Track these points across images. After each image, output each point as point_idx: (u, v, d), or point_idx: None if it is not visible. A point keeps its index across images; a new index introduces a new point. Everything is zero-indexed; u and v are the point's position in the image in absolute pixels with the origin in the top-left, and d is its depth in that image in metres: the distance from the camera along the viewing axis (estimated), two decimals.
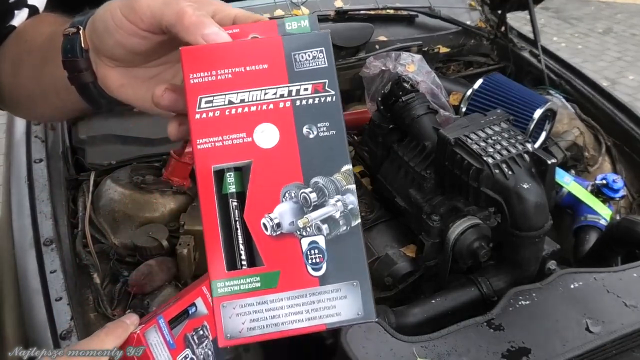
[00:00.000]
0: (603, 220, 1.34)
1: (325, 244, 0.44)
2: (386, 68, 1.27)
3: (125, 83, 0.55)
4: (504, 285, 1.03)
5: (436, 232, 1.05)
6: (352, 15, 1.86)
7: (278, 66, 0.46)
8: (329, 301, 0.44)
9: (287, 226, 0.44)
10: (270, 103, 0.45)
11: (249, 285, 0.44)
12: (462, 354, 0.85)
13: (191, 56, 0.45)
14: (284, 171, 0.45)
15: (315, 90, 0.46)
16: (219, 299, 0.44)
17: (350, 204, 0.45)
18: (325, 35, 0.46)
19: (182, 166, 1.30)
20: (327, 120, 0.45)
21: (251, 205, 0.44)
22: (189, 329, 0.77)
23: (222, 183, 0.46)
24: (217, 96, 0.45)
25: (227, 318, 0.44)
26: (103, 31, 0.51)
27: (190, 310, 0.79)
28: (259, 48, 0.46)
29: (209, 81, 0.45)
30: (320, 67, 0.46)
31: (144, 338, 0.71)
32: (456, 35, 1.92)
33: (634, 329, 0.89)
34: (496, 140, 1.03)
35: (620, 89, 4.22)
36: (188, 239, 1.19)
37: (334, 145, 0.45)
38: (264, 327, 0.44)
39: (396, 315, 0.98)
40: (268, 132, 0.45)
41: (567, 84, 1.76)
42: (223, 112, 0.45)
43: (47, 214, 1.21)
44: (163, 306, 0.79)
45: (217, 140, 0.45)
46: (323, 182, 0.45)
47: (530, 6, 1.80)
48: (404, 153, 1.19)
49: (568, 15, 5.77)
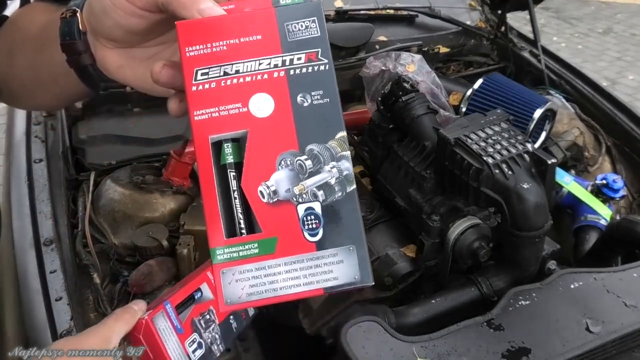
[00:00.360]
0: (603, 220, 1.34)
1: (322, 210, 0.45)
2: (386, 68, 1.27)
3: (124, 64, 0.55)
4: (504, 285, 1.03)
5: (436, 232, 1.05)
6: (352, 15, 1.86)
7: (271, 37, 0.46)
8: (326, 266, 0.44)
9: (283, 193, 0.45)
10: (265, 73, 0.46)
11: (247, 252, 0.44)
12: (462, 354, 0.85)
13: (186, 30, 0.45)
14: (280, 139, 0.45)
15: (309, 59, 0.46)
16: (219, 265, 0.44)
17: (346, 170, 0.45)
18: (317, 5, 0.47)
19: (182, 166, 1.30)
20: (320, 89, 0.46)
21: (248, 173, 0.45)
22: (196, 314, 0.78)
23: (220, 154, 0.46)
24: (212, 68, 0.45)
25: (227, 284, 0.44)
26: (100, 12, 0.51)
27: (196, 295, 0.79)
28: (252, 20, 0.46)
29: (204, 54, 0.45)
30: (313, 36, 0.46)
31: (152, 324, 0.72)
32: (456, 35, 1.92)
33: (634, 329, 0.89)
34: (496, 140, 1.03)
35: (620, 89, 4.22)
36: (188, 239, 1.19)
37: (328, 112, 0.45)
38: (262, 293, 0.44)
39: (396, 315, 0.98)
40: (263, 101, 0.46)
41: (567, 84, 1.76)
42: (219, 83, 0.45)
43: (47, 214, 1.21)
44: (169, 292, 0.80)
45: (213, 111, 0.45)
46: (318, 150, 0.45)
47: (530, 6, 1.80)
48: (404, 153, 1.19)
49: (568, 15, 5.77)
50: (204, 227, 0.45)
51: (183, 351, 0.74)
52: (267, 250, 0.44)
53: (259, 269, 0.44)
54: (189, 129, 1.22)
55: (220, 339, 0.80)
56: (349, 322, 0.88)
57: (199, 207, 1.25)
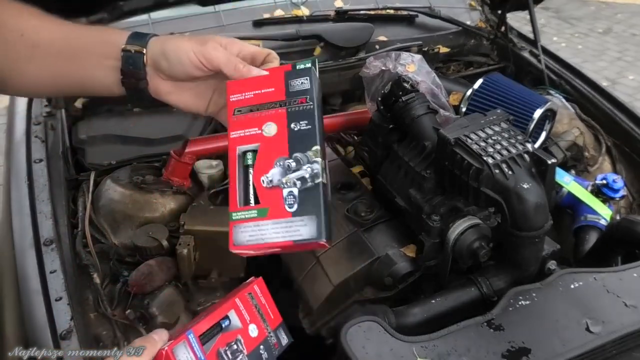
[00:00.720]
0: (603, 220, 1.34)
1: (298, 193, 0.71)
2: (386, 68, 1.27)
3: (172, 91, 0.80)
4: (504, 285, 1.03)
5: (436, 232, 1.05)
6: (352, 15, 1.86)
7: (280, 89, 0.76)
8: (296, 227, 0.70)
9: (276, 181, 0.72)
10: (274, 110, 0.75)
11: (250, 215, 0.72)
12: (462, 354, 0.85)
13: (232, 85, 0.78)
14: (278, 149, 0.73)
15: (301, 102, 0.75)
16: (233, 223, 0.73)
17: (315, 170, 0.71)
18: (309, 70, 0.77)
19: (182, 166, 1.30)
20: (306, 120, 0.74)
21: (257, 170, 0.73)
22: (222, 344, 0.75)
23: (244, 159, 0.75)
24: (244, 108, 0.76)
25: (236, 234, 0.72)
26: (176, 62, 0.76)
27: (223, 323, 0.77)
28: (270, 79, 0.77)
29: (240, 99, 0.77)
30: (305, 88, 0.76)
31: (172, 355, 0.69)
32: (456, 35, 1.92)
33: (634, 329, 0.89)
34: (496, 140, 1.03)
35: (620, 89, 4.23)
36: (188, 239, 1.19)
37: (309, 134, 0.73)
38: (256, 240, 0.71)
39: (396, 315, 0.98)
40: (271, 127, 0.75)
41: (567, 84, 1.76)
42: (247, 116, 0.76)
43: (47, 214, 1.21)
44: (193, 320, 0.77)
45: (242, 132, 0.75)
46: (300, 156, 0.72)
47: (530, 6, 1.80)
48: (404, 153, 1.19)
49: (568, 15, 5.77)
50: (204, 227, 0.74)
51: None
52: (262, 215, 0.72)
53: (255, 225, 0.72)
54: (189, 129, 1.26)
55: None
56: (349, 322, 0.88)
57: (199, 207, 1.25)
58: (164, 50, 0.76)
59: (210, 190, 1.33)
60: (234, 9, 1.82)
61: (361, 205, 1.23)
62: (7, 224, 1.24)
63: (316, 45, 1.73)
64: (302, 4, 1.89)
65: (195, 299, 1.21)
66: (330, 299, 1.12)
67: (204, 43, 0.76)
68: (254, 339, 0.79)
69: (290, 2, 1.89)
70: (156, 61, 0.76)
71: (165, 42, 0.76)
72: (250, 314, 0.81)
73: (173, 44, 0.76)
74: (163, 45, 0.76)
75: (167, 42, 0.76)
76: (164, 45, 0.76)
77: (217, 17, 1.79)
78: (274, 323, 0.85)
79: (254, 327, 0.80)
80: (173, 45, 0.76)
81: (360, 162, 1.47)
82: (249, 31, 1.79)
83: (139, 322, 1.10)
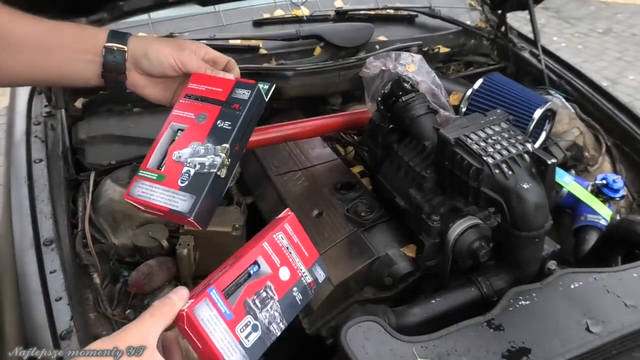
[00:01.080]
0: (603, 220, 1.34)
1: (193, 174, 0.81)
2: (386, 68, 1.27)
3: (147, 85, 0.92)
4: (504, 285, 1.03)
5: (436, 232, 1.05)
6: (352, 15, 1.86)
7: (226, 92, 0.87)
8: (177, 199, 0.79)
9: (182, 159, 0.82)
10: (211, 105, 0.86)
11: (151, 176, 0.83)
12: (462, 354, 0.85)
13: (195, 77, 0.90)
14: (198, 136, 0.84)
15: (234, 107, 0.85)
16: (137, 177, 0.83)
17: (215, 162, 0.81)
18: (254, 87, 0.87)
19: None
20: (231, 121, 0.84)
21: (174, 146, 0.84)
22: (250, 294, 0.72)
23: (175, 135, 0.86)
24: (193, 95, 0.88)
25: (134, 187, 0.83)
26: (156, 63, 0.88)
27: (252, 270, 0.73)
28: (223, 82, 0.88)
29: (194, 88, 0.89)
30: (244, 99, 0.86)
31: (193, 316, 0.67)
32: (456, 35, 1.92)
33: (634, 329, 0.89)
34: (496, 140, 1.03)
35: (621, 89, 4.22)
36: (188, 239, 1.19)
37: (226, 133, 0.83)
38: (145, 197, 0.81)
39: (396, 315, 0.98)
40: (203, 116, 0.85)
41: (567, 84, 1.76)
42: (191, 102, 0.88)
43: (47, 214, 1.21)
44: (216, 272, 0.74)
45: (181, 113, 0.87)
46: (210, 147, 0.82)
47: (530, 6, 1.80)
48: (404, 153, 1.19)
49: (568, 15, 5.77)
50: None
51: (234, 339, 0.69)
52: (159, 180, 0.82)
53: (150, 186, 0.82)
54: None
55: (281, 316, 0.74)
56: (349, 322, 0.88)
57: None
58: (146, 52, 0.88)
59: None
60: (234, 9, 1.82)
61: (361, 205, 1.23)
62: (7, 224, 1.24)
63: (316, 45, 1.73)
64: (302, 4, 1.89)
65: None
66: (330, 299, 1.12)
67: (181, 49, 0.89)
68: (286, 283, 0.76)
69: (290, 2, 1.89)
70: (137, 59, 0.88)
71: (147, 45, 0.88)
72: (281, 257, 0.77)
73: (155, 47, 0.88)
74: (145, 47, 0.88)
75: (150, 45, 0.88)
76: (146, 47, 0.88)
77: (217, 17, 1.79)
78: (309, 261, 0.81)
79: (286, 270, 0.76)
80: (155, 48, 0.88)
81: (360, 162, 1.47)
82: (249, 31, 1.79)
83: None
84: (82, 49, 0.87)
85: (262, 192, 1.43)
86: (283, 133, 1.34)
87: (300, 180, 1.38)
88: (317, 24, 1.82)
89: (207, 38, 1.70)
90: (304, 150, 1.47)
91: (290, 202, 1.32)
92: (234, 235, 1.18)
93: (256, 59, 1.69)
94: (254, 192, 1.45)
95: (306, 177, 1.38)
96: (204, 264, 1.22)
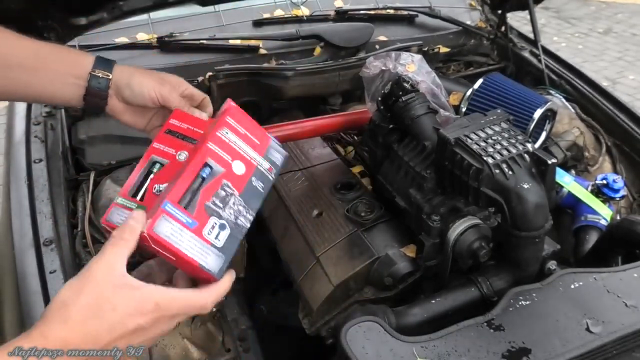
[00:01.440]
0: (603, 220, 1.34)
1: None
2: (386, 68, 1.27)
3: (125, 111, 0.95)
4: (504, 285, 1.03)
5: (436, 232, 1.05)
6: (352, 15, 1.86)
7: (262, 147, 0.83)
8: None
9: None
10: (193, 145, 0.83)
11: (130, 205, 0.79)
12: (462, 354, 0.85)
13: (177, 113, 0.89)
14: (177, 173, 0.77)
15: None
16: (116, 204, 0.79)
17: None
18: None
19: None
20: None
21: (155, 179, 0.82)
22: (207, 197, 0.72)
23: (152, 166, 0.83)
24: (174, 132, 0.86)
25: (112, 213, 0.78)
26: (138, 95, 0.91)
27: (203, 173, 0.73)
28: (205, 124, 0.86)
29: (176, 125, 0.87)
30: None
31: (155, 235, 0.67)
32: (456, 35, 1.92)
33: (634, 330, 0.89)
34: (496, 140, 1.03)
35: (621, 88, 4.23)
36: None
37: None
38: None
39: (396, 315, 0.98)
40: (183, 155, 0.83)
41: (567, 84, 1.76)
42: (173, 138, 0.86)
43: (47, 214, 1.21)
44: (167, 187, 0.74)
45: (162, 146, 0.85)
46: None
47: (531, 6, 1.80)
48: (404, 153, 1.18)
49: (568, 15, 5.78)
50: None
51: (204, 243, 0.70)
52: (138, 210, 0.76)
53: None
54: None
55: (246, 208, 0.74)
56: (349, 322, 0.88)
57: None
58: (129, 82, 0.91)
59: None
60: (234, 9, 1.82)
61: (361, 205, 1.23)
62: (6, 224, 1.24)
63: (316, 45, 1.73)
64: (302, 3, 1.89)
65: None
66: (330, 299, 1.12)
67: (162, 84, 0.92)
68: (243, 176, 0.76)
69: (290, 2, 1.89)
70: (120, 88, 0.91)
71: (131, 75, 0.92)
72: (231, 152, 0.77)
73: (138, 79, 0.92)
74: (130, 79, 0.91)
75: (133, 76, 0.92)
76: (130, 77, 0.92)
77: (217, 17, 1.79)
78: (262, 148, 0.80)
79: (239, 163, 0.76)
80: (138, 80, 0.92)
81: (360, 162, 1.47)
82: (249, 31, 1.79)
83: None
84: (68, 73, 0.90)
85: None
86: (283, 133, 1.34)
87: (300, 180, 1.38)
88: (317, 24, 1.82)
89: (207, 38, 1.70)
90: (304, 150, 1.47)
91: (290, 202, 1.32)
92: None
93: (256, 59, 1.69)
94: None
95: (306, 177, 1.38)
96: None
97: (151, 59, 1.65)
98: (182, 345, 1.17)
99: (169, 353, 1.15)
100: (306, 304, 1.15)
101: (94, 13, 1.37)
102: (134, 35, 1.68)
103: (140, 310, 0.65)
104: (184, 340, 1.18)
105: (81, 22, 1.38)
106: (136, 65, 0.95)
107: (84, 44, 1.62)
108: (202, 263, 0.69)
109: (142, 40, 1.68)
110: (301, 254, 1.21)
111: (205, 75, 1.59)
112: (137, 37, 1.69)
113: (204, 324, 1.23)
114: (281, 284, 1.46)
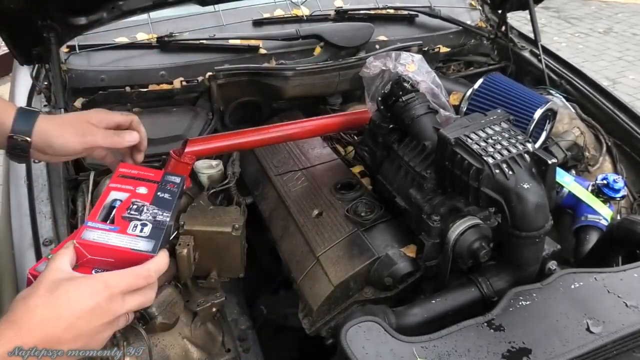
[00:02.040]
0: (604, 221, 1.33)
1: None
2: (386, 68, 1.27)
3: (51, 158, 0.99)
4: (504, 285, 1.03)
5: (436, 232, 1.05)
6: (352, 15, 1.86)
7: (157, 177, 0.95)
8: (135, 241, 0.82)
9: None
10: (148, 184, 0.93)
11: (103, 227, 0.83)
12: (462, 354, 0.85)
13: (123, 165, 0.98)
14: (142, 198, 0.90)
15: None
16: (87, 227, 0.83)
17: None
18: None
19: (182, 166, 1.29)
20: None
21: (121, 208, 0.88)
22: (122, 211, 0.86)
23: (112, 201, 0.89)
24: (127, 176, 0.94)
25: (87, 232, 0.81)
26: (61, 151, 0.96)
27: (115, 204, 0.87)
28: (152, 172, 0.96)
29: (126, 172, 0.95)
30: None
31: (84, 241, 0.79)
32: (456, 35, 1.92)
33: (634, 330, 0.89)
34: (496, 140, 1.03)
35: (621, 88, 4.22)
36: (188, 239, 1.18)
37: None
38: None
39: (396, 316, 0.98)
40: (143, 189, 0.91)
41: (567, 84, 1.76)
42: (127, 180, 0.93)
43: (47, 214, 1.20)
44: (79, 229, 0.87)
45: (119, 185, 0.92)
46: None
47: (531, 6, 1.80)
48: (404, 153, 1.18)
49: (569, 15, 5.78)
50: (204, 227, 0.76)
51: (130, 237, 0.82)
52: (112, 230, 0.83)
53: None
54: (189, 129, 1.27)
55: (161, 210, 0.88)
56: (349, 322, 0.87)
57: (198, 207, 1.25)
58: (50, 143, 0.94)
59: (210, 190, 1.33)
60: (234, 9, 1.82)
61: (361, 205, 1.22)
62: (6, 224, 1.24)
63: (316, 45, 1.73)
64: (302, 3, 1.88)
65: (195, 299, 1.21)
66: (330, 299, 1.12)
67: (84, 135, 0.95)
68: (148, 194, 0.91)
69: (290, 1, 1.89)
70: (41, 147, 0.94)
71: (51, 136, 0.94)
72: (132, 184, 0.92)
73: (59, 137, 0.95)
74: (49, 139, 0.94)
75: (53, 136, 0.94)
76: (50, 138, 0.94)
77: (217, 17, 1.79)
78: (158, 176, 0.96)
79: (142, 187, 0.92)
80: (59, 141, 0.95)
81: (360, 162, 1.47)
82: (248, 31, 1.78)
83: (139, 322, 1.09)
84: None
85: (262, 192, 1.42)
86: (283, 133, 1.34)
87: (300, 180, 1.38)
88: (317, 23, 1.82)
89: (206, 38, 1.70)
90: (304, 150, 1.47)
91: (290, 202, 1.32)
92: (234, 235, 1.18)
93: (256, 59, 1.69)
94: (254, 192, 1.44)
95: (306, 177, 1.38)
96: (203, 264, 1.22)
97: (151, 59, 1.65)
98: (182, 345, 1.17)
99: (169, 353, 1.15)
100: (306, 304, 1.15)
101: (93, 13, 1.37)
102: (133, 35, 1.68)
103: (92, 290, 0.72)
104: (184, 341, 1.17)
105: (81, 22, 1.38)
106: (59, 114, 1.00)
107: (83, 44, 1.62)
108: (135, 248, 0.81)
109: (142, 40, 1.68)
110: (301, 254, 1.21)
111: (205, 75, 1.59)
112: (137, 37, 1.69)
113: (204, 324, 1.23)
114: (281, 284, 1.46)
